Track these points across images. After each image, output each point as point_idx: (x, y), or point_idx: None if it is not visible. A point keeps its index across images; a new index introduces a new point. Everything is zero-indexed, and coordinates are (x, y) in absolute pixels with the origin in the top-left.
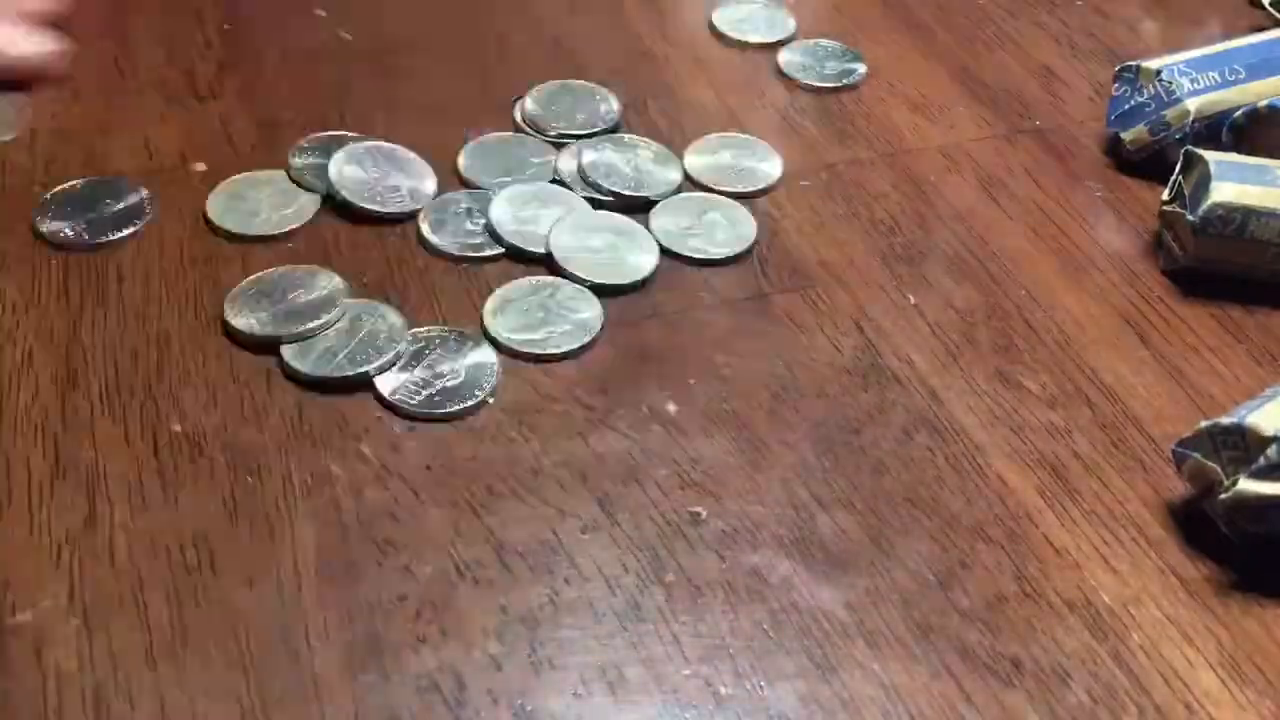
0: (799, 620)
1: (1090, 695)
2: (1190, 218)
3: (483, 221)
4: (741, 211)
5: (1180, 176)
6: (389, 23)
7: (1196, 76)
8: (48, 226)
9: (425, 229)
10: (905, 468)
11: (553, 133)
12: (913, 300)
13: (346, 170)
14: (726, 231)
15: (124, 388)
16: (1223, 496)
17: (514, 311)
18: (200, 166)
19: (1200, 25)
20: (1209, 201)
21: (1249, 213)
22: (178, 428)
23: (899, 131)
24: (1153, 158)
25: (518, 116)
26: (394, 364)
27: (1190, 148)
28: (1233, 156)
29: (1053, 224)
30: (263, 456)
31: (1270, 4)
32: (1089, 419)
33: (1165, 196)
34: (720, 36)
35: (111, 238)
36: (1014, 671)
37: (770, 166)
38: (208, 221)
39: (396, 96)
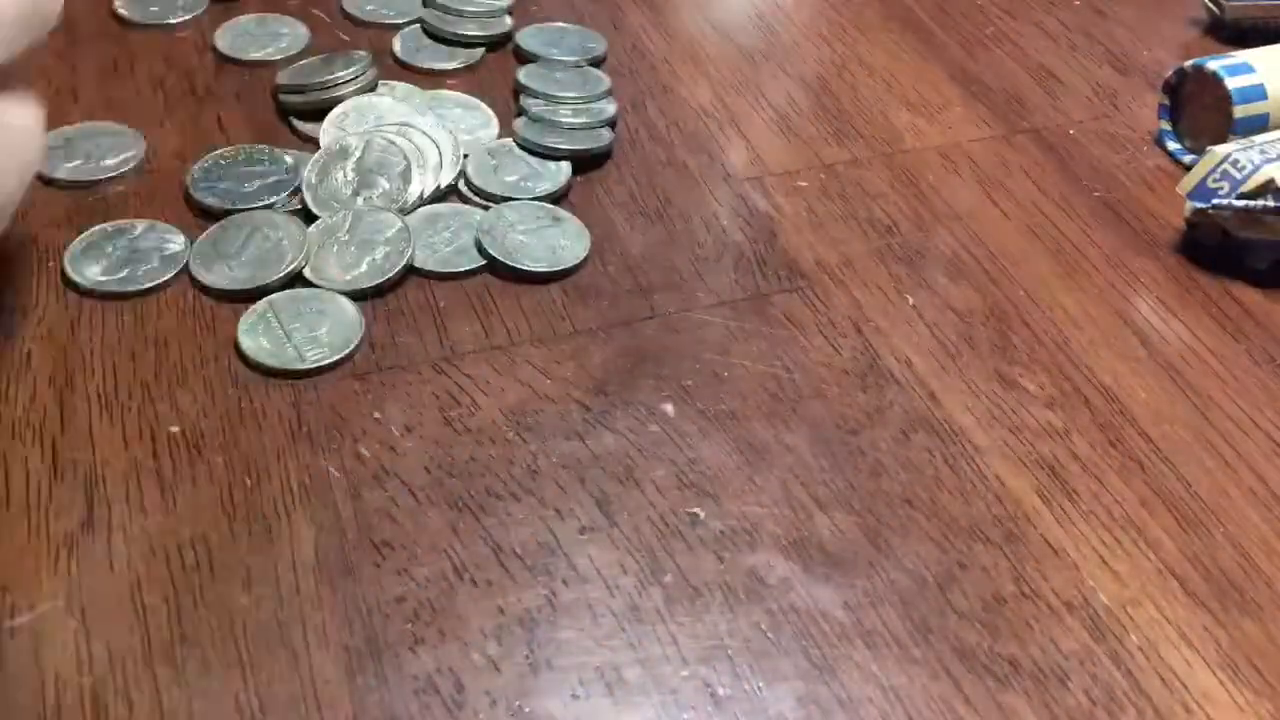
0: (797, 621)
1: (1088, 696)
2: None
3: None
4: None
5: None
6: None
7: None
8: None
9: None
10: (903, 468)
11: None
12: (911, 301)
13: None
14: None
15: (122, 389)
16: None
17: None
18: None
19: (1199, 25)
20: None
21: None
22: (176, 429)
23: (897, 132)
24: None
25: None
26: None
27: None
28: None
29: (1051, 224)
30: (260, 458)
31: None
32: (1088, 419)
33: None
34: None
35: None
36: (1012, 672)
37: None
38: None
39: None
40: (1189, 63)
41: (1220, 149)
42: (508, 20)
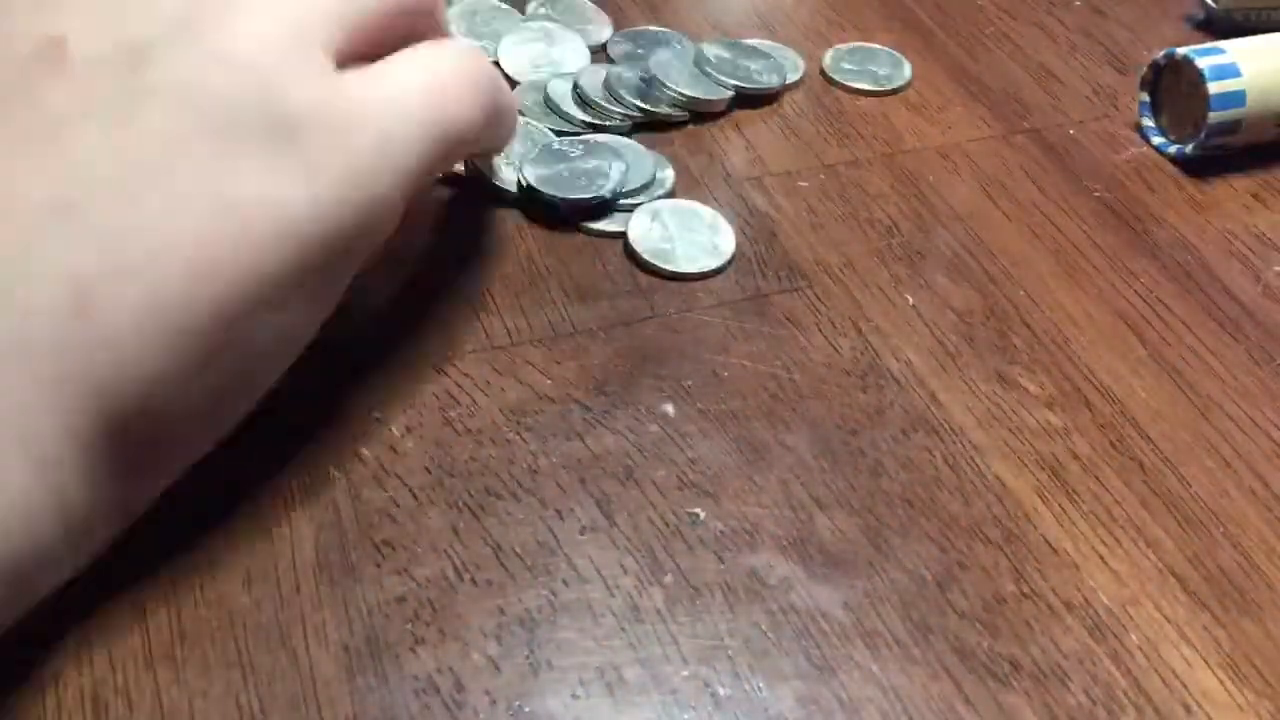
0: (797, 621)
1: (1089, 696)
2: None
3: None
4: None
5: None
6: None
7: None
8: None
9: None
10: (903, 468)
11: None
12: (911, 301)
13: None
14: None
15: None
16: None
17: None
18: None
19: (1199, 25)
20: None
21: None
22: None
23: (897, 132)
24: None
25: None
26: None
27: None
28: None
29: (1051, 224)
30: (261, 458)
31: None
32: (1087, 419)
33: None
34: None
35: None
36: (1012, 672)
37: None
38: None
39: None
40: (1160, 53)
41: None
42: None
